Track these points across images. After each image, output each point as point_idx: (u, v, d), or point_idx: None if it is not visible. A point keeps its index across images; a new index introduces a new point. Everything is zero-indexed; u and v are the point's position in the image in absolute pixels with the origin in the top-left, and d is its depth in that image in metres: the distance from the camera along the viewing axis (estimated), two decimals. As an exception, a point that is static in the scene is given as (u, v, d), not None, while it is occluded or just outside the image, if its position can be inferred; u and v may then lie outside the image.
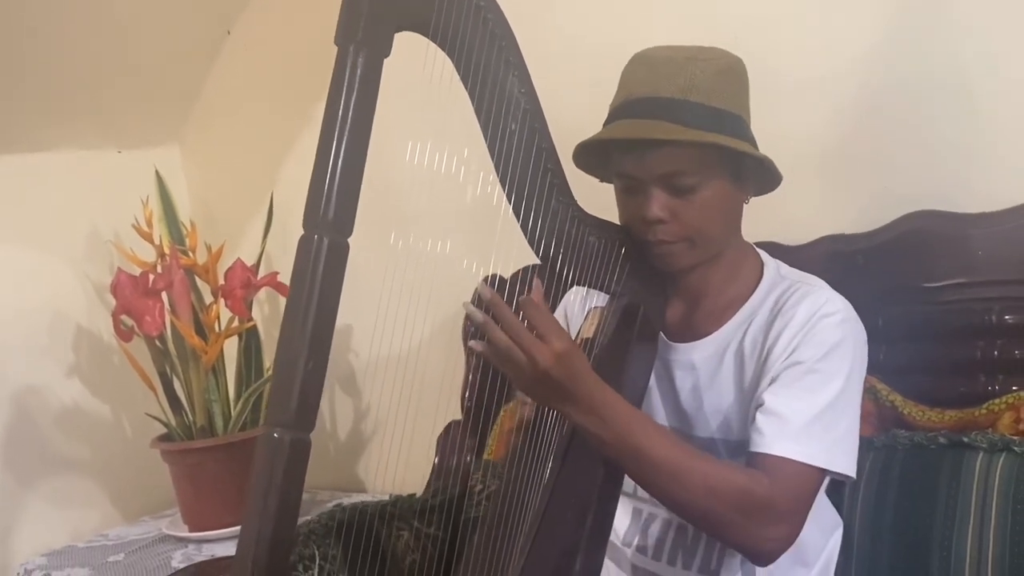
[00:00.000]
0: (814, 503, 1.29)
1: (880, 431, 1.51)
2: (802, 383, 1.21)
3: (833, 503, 1.43)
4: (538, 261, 1.26)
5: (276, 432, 0.95)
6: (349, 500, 1.98)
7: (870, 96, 1.69)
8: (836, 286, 1.30)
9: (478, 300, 1.10)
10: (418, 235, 1.49)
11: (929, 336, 1.55)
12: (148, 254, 2.14)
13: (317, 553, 1.47)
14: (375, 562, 1.56)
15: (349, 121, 1.00)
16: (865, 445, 1.48)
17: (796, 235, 1.68)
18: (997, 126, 1.61)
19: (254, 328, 2.14)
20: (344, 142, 1.00)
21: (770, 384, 1.23)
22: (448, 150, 1.20)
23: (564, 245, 1.25)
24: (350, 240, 0.99)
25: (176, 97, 2.48)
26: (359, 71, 1.01)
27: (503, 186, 1.20)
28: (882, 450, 1.48)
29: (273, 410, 0.95)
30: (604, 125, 1.30)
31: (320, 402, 0.98)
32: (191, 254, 2.15)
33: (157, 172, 2.21)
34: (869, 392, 1.53)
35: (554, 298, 1.31)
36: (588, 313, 1.40)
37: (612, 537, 1.42)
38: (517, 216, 1.22)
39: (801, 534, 1.22)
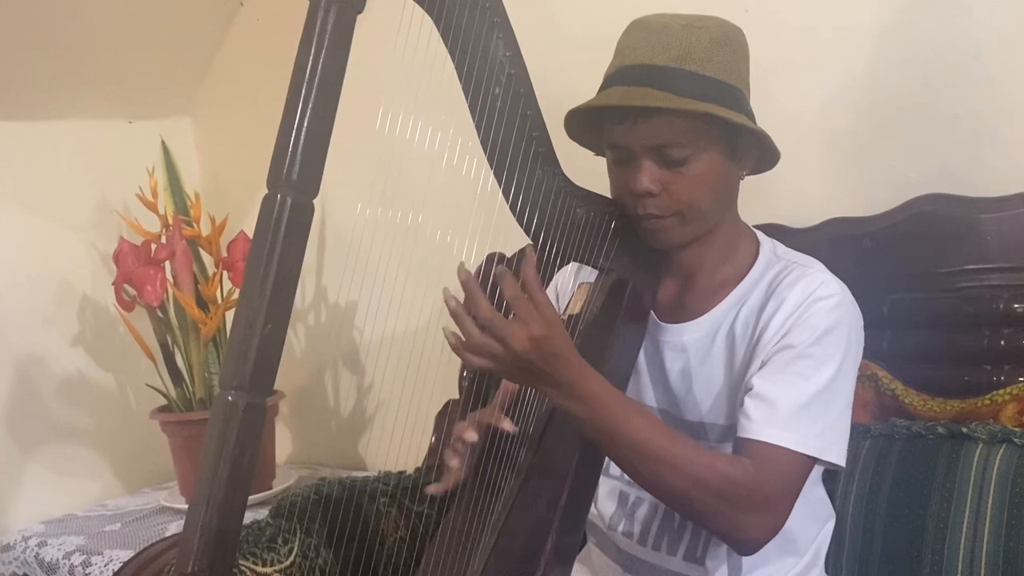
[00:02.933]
0: (807, 492, 1.25)
1: (880, 420, 1.47)
2: (793, 368, 1.17)
3: (826, 490, 1.38)
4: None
5: (230, 396, 0.92)
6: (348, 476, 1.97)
7: (881, 73, 1.63)
8: (842, 270, 1.26)
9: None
10: (424, 213, 1.47)
11: (935, 323, 1.50)
12: (153, 224, 2.13)
13: (299, 527, 1.45)
14: (360, 538, 1.54)
15: (317, 79, 0.97)
16: (862, 433, 1.45)
17: (802, 217, 1.63)
18: (1012, 107, 1.54)
19: (255, 301, 2.12)
20: (312, 100, 0.97)
21: (760, 368, 1.19)
22: (453, 126, 1.17)
23: (549, 216, 1.21)
24: (356, 214, 0.96)
25: (188, 69, 2.47)
26: (329, 26, 0.98)
27: (485, 153, 1.17)
28: (879, 439, 1.44)
29: (228, 372, 0.92)
30: (598, 93, 1.26)
31: (278, 367, 0.95)
32: (195, 225, 2.14)
33: (163, 142, 2.20)
34: (870, 380, 1.49)
35: (540, 271, 1.27)
36: (576, 288, 1.36)
37: (597, 521, 1.40)
38: (500, 185, 1.18)
39: (792, 524, 1.18)
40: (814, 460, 1.16)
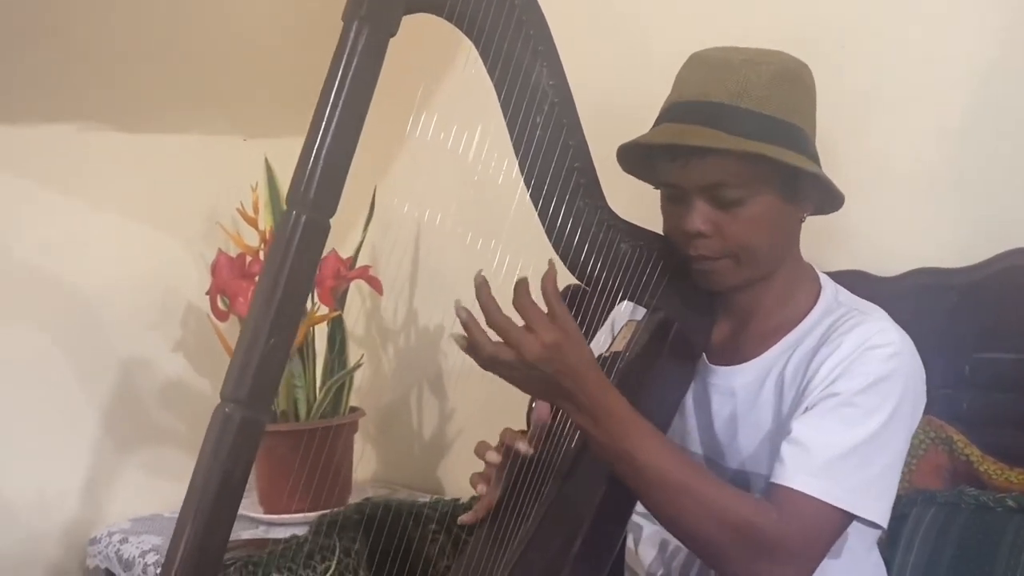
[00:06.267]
0: (857, 556, 1.18)
1: (950, 486, 1.36)
2: (836, 415, 1.11)
3: (883, 558, 1.29)
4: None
5: (227, 408, 0.93)
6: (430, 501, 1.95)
7: (979, 116, 1.52)
8: (925, 324, 1.19)
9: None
10: (515, 245, 1.46)
11: (1021, 387, 1.38)
12: (254, 239, 2.19)
13: (338, 546, 1.45)
14: (404, 563, 1.52)
15: (343, 99, 0.99)
16: (927, 500, 1.36)
17: (887, 265, 1.54)
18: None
19: (339, 319, 2.15)
20: (335, 120, 0.98)
21: (803, 413, 1.13)
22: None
23: (588, 249, 1.18)
24: (448, 240, 0.95)
25: (302, 90, 2.51)
26: (360, 48, 0.99)
27: (525, 183, 1.15)
28: (944, 507, 1.33)
29: (228, 384, 0.94)
30: (651, 129, 1.23)
31: (280, 383, 0.95)
32: (291, 242, 2.18)
33: (266, 160, 2.26)
34: (944, 443, 1.39)
35: (585, 307, 1.24)
36: (624, 325, 1.32)
37: (637, 567, 1.35)
38: (539, 215, 1.16)
39: None
40: (848, 515, 1.09)
